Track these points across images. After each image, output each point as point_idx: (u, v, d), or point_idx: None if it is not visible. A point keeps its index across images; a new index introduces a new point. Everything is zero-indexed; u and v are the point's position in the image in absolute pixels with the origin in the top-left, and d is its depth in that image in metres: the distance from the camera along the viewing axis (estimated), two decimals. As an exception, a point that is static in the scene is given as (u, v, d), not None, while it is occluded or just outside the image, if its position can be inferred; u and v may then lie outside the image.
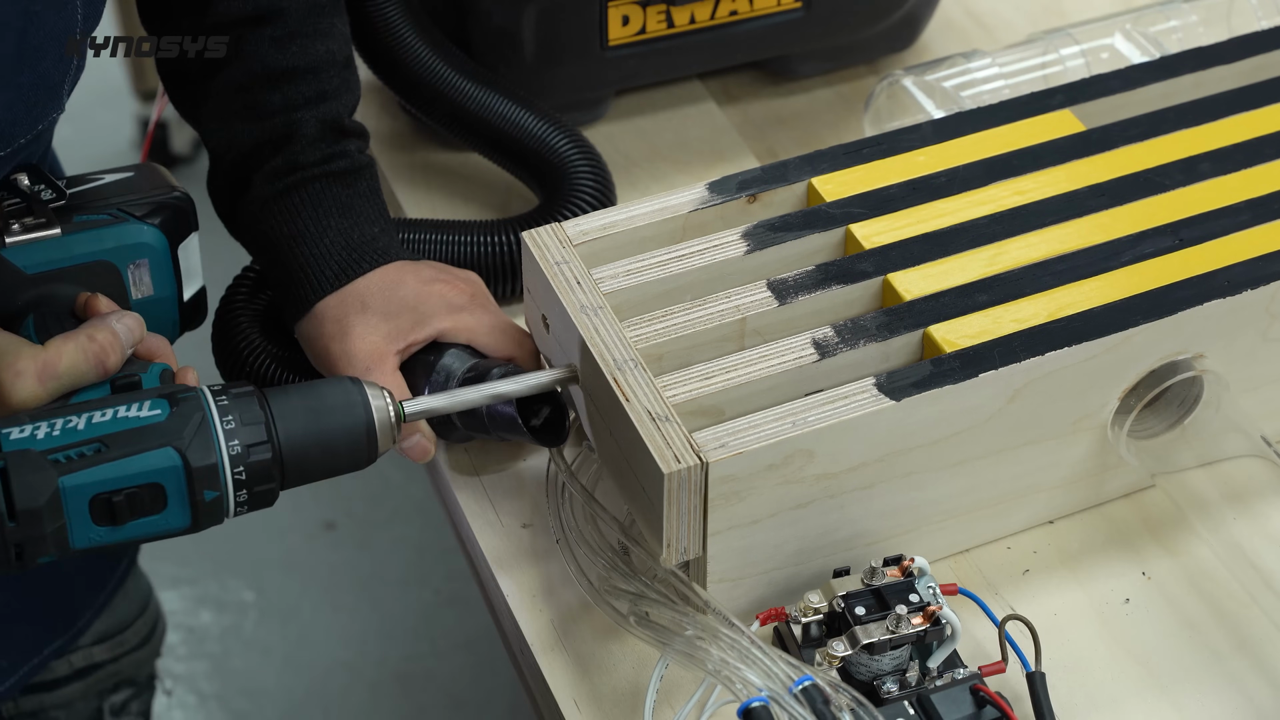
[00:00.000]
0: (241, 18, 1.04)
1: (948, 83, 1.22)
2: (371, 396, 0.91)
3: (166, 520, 0.87)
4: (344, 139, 1.05)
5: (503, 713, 1.97)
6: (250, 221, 1.05)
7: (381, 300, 1.01)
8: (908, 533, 0.97)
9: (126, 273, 1.00)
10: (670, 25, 1.25)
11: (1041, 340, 0.94)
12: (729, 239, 1.00)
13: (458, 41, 1.22)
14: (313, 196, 1.03)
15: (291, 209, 1.03)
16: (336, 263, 1.02)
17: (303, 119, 1.04)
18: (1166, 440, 0.99)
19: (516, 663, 1.02)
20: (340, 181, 1.04)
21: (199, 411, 0.87)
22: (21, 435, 0.84)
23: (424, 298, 1.01)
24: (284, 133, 1.04)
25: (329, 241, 1.02)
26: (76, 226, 0.98)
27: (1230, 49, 1.13)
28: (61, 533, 0.84)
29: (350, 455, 0.91)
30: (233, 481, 0.87)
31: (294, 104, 1.04)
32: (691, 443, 0.88)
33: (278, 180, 1.03)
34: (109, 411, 0.86)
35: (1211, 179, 1.04)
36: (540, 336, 1.02)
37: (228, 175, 1.06)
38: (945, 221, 1.01)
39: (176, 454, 0.85)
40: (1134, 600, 0.98)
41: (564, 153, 1.18)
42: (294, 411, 0.89)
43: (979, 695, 0.90)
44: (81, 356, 0.88)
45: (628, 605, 0.92)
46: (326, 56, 1.05)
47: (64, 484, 0.84)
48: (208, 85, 1.05)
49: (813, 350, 0.94)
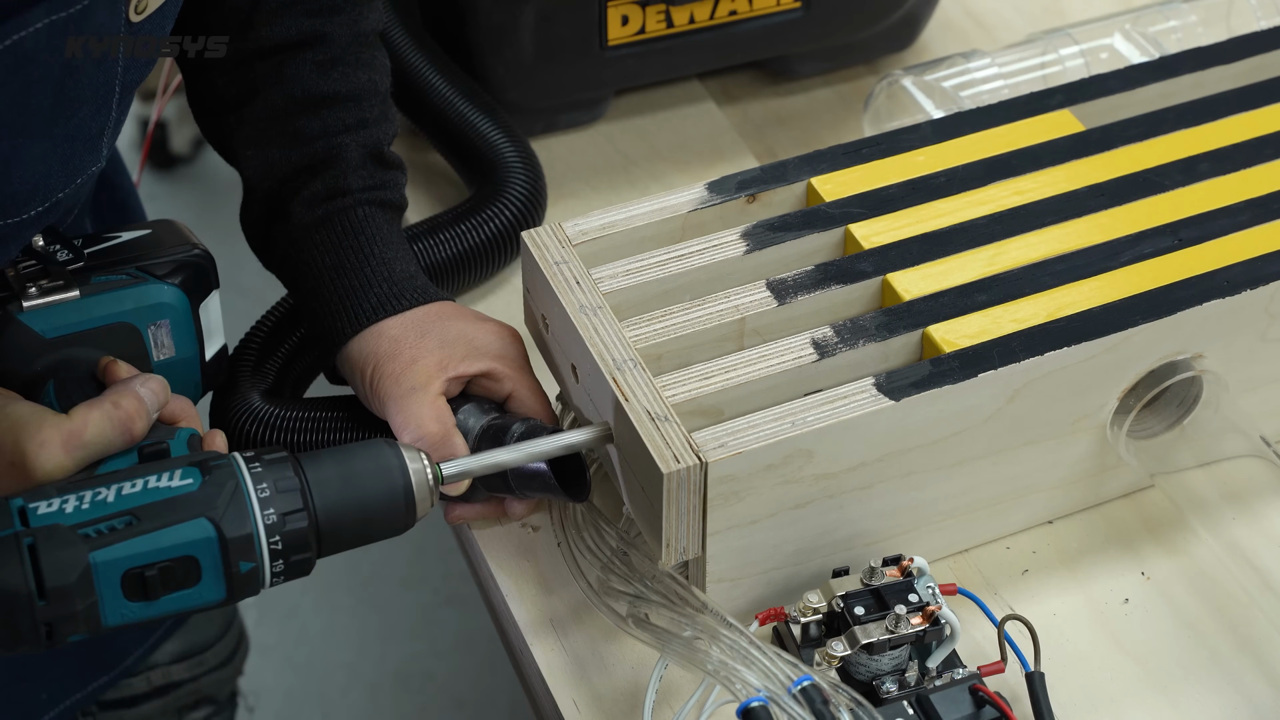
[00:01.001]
0: (284, 43, 1.02)
1: (947, 83, 1.22)
2: (409, 459, 0.88)
3: (201, 594, 0.84)
4: (387, 169, 1.04)
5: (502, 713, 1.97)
6: (289, 248, 1.03)
7: (439, 328, 0.99)
8: (907, 533, 0.97)
9: (147, 334, 0.97)
10: (670, 25, 1.25)
11: (1041, 340, 0.94)
12: (728, 239, 1.00)
13: (458, 41, 1.22)
14: (360, 222, 1.01)
15: (344, 232, 1.01)
16: (388, 291, 1.00)
17: (345, 144, 1.02)
18: (1166, 440, 0.99)
19: (516, 663, 1.02)
20: (386, 210, 1.03)
21: (232, 480, 0.84)
22: (50, 510, 0.81)
23: (477, 335, 1.00)
24: (325, 157, 1.02)
25: (384, 269, 1.00)
26: (95, 288, 0.95)
27: (1229, 49, 1.13)
28: (93, 610, 0.81)
29: (388, 521, 0.88)
30: (269, 551, 0.84)
31: (335, 129, 1.02)
32: (691, 443, 0.88)
33: (319, 205, 1.01)
34: (139, 482, 0.83)
35: (1211, 179, 1.04)
36: (540, 337, 1.02)
37: (264, 202, 1.03)
38: (945, 221, 1.01)
39: (210, 525, 0.83)
40: (1133, 600, 0.98)
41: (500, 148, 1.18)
42: (329, 477, 0.86)
43: (978, 695, 0.90)
44: (108, 424, 0.85)
45: (626, 607, 0.92)
46: (369, 85, 1.04)
47: (95, 559, 0.81)
48: (243, 112, 1.03)
49: (812, 350, 0.94)
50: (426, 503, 0.89)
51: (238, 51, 1.02)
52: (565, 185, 1.26)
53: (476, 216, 1.14)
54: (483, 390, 0.99)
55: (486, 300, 1.17)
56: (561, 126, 1.29)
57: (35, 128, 0.84)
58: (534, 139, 1.29)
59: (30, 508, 0.81)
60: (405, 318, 0.99)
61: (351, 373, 1.00)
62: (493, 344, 0.99)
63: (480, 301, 1.18)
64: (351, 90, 1.03)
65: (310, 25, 1.02)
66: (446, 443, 0.95)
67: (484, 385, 0.99)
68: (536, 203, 1.17)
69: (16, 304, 0.93)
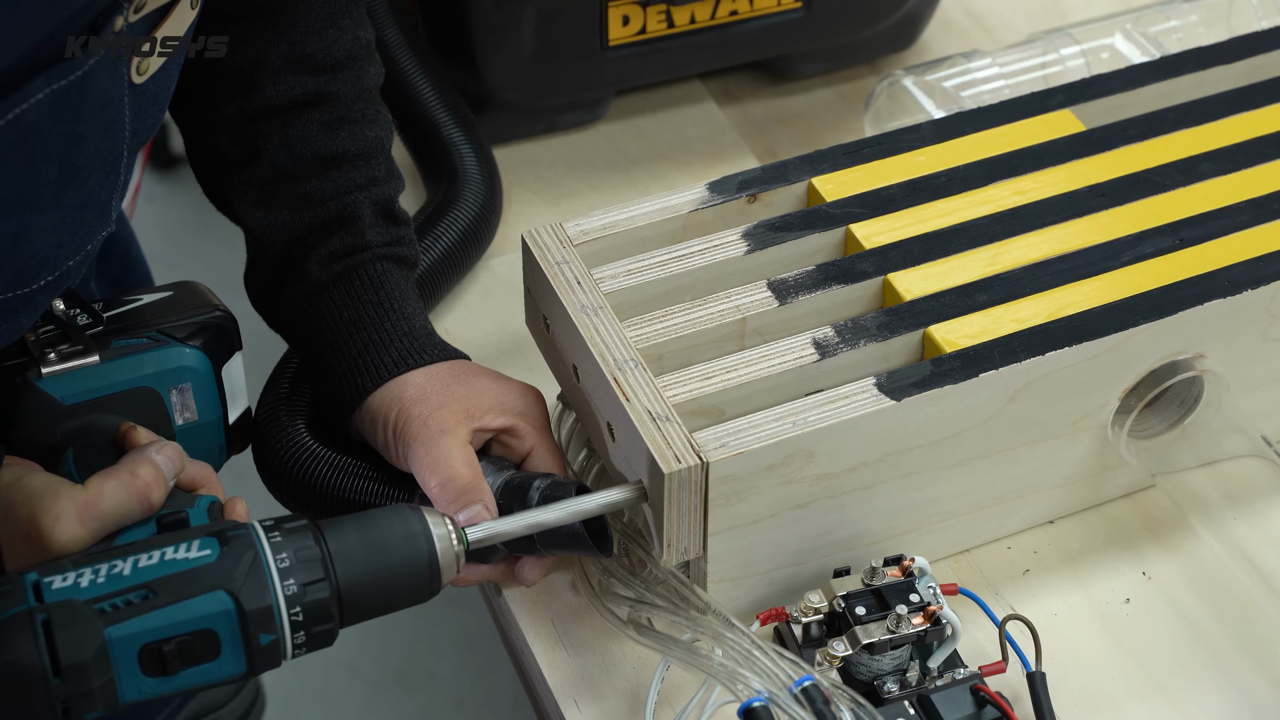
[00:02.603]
0: (289, 103, 1.00)
1: (948, 83, 1.22)
2: (433, 525, 0.86)
3: (220, 668, 0.81)
4: (399, 225, 1.02)
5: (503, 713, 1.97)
6: (303, 305, 1.00)
7: (464, 382, 0.97)
8: (908, 533, 0.97)
9: (169, 398, 0.95)
10: (670, 25, 1.25)
11: (1042, 340, 0.94)
12: (729, 239, 1.00)
13: (457, 41, 1.22)
14: (379, 277, 1.00)
15: (362, 287, 0.99)
16: (409, 345, 0.98)
17: (358, 201, 1.00)
18: (1166, 440, 0.99)
19: (517, 663, 1.02)
20: (402, 267, 1.02)
21: (250, 550, 0.82)
22: (64, 584, 0.79)
23: (501, 391, 0.98)
24: (339, 215, 1.00)
25: (404, 324, 0.99)
26: (115, 352, 0.93)
27: (1230, 49, 1.13)
28: (110, 686, 0.79)
29: (412, 589, 0.86)
30: (289, 623, 0.82)
31: (346, 189, 1.00)
32: (692, 443, 0.88)
33: (337, 262, 1.00)
34: (155, 554, 0.81)
35: (1211, 179, 1.04)
36: (541, 337, 1.02)
37: (275, 262, 1.01)
38: (945, 221, 1.01)
39: (229, 597, 0.80)
40: (1134, 600, 0.98)
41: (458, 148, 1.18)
42: (351, 545, 0.84)
43: (979, 695, 0.90)
44: (125, 494, 0.83)
45: (628, 610, 0.92)
46: (375, 143, 1.02)
47: (111, 635, 0.79)
48: (248, 172, 1.01)
49: (813, 350, 0.94)
50: (452, 570, 0.86)
51: (240, 111, 1.00)
52: (565, 185, 1.26)
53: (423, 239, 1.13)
54: (502, 448, 0.97)
55: (486, 300, 1.17)
56: (562, 126, 1.30)
57: (43, 200, 0.82)
58: (534, 139, 1.29)
59: (45, 582, 0.80)
60: (429, 371, 0.98)
61: (373, 423, 0.98)
62: (516, 401, 0.98)
63: (480, 301, 1.18)
64: (360, 149, 1.01)
65: (315, 84, 1.00)
66: (476, 489, 0.93)
67: (504, 442, 0.97)
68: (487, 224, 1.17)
69: (35, 370, 0.91)
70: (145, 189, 2.43)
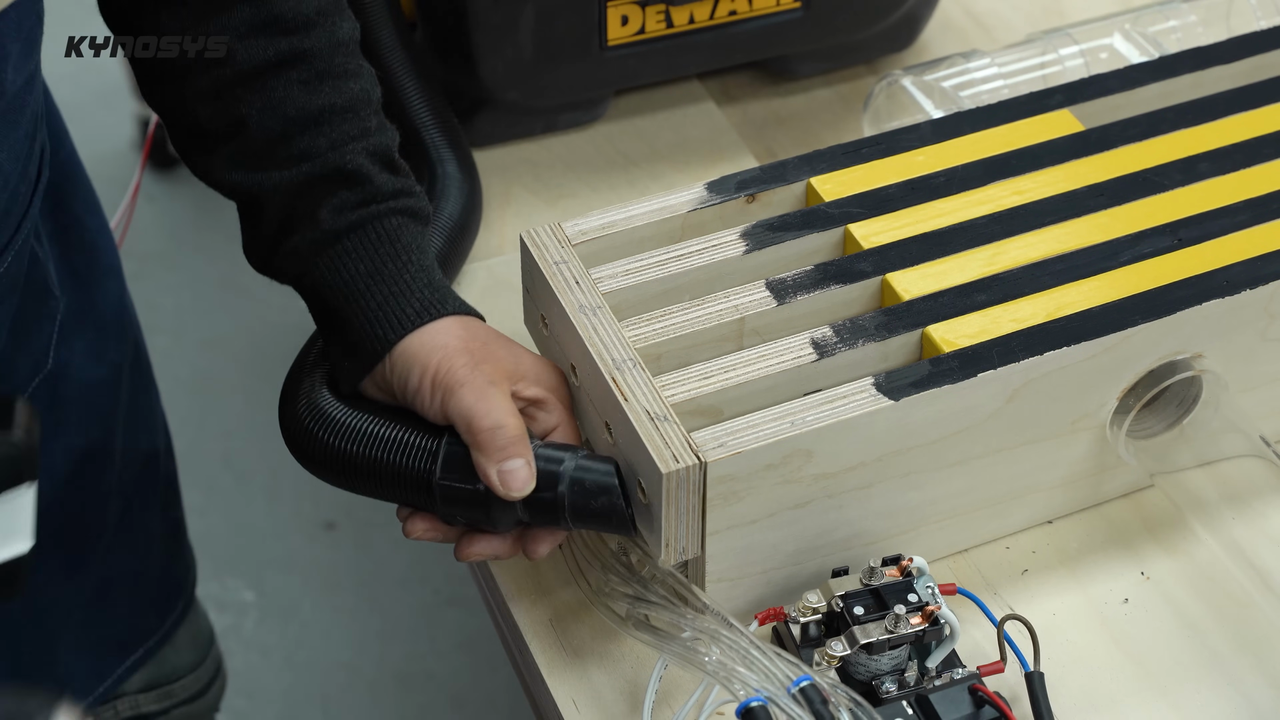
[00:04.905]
0: (263, 65, 0.97)
1: (947, 83, 1.22)
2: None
3: None
4: (402, 175, 1.00)
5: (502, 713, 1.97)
6: (316, 259, 0.98)
7: (497, 344, 0.96)
8: (906, 532, 0.97)
9: None
10: (669, 25, 1.25)
11: (1040, 340, 0.94)
12: (728, 239, 1.00)
13: (456, 41, 1.22)
14: (395, 230, 0.97)
15: (379, 239, 0.97)
16: (433, 296, 0.96)
17: (355, 152, 0.98)
18: (1165, 440, 0.99)
19: (516, 663, 1.02)
20: (417, 221, 1.00)
21: None
22: None
23: (534, 363, 0.96)
24: (339, 168, 0.98)
25: (424, 276, 0.97)
26: None
27: (1229, 49, 1.13)
28: None
29: None
30: None
31: (340, 141, 0.98)
32: (690, 442, 0.88)
33: (350, 212, 0.97)
34: None
35: (1210, 179, 1.04)
36: (539, 337, 1.02)
37: (279, 217, 0.98)
38: (944, 221, 1.01)
39: None
40: (1133, 600, 0.98)
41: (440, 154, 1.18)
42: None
43: (978, 695, 0.90)
44: None
45: (626, 608, 0.92)
46: (361, 95, 1.00)
47: None
48: (236, 143, 0.98)
49: (811, 350, 0.94)
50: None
51: (216, 81, 0.97)
52: (565, 185, 1.26)
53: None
54: (528, 419, 0.95)
55: (485, 300, 1.17)
56: (561, 126, 1.30)
57: None
58: (533, 139, 1.29)
59: None
60: (465, 323, 0.96)
61: (406, 369, 0.94)
62: (548, 376, 0.97)
63: (479, 301, 1.17)
64: (346, 102, 0.99)
65: (287, 44, 0.98)
66: (523, 443, 0.91)
67: (531, 414, 0.96)
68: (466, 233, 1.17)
69: None
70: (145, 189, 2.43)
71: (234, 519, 2.16)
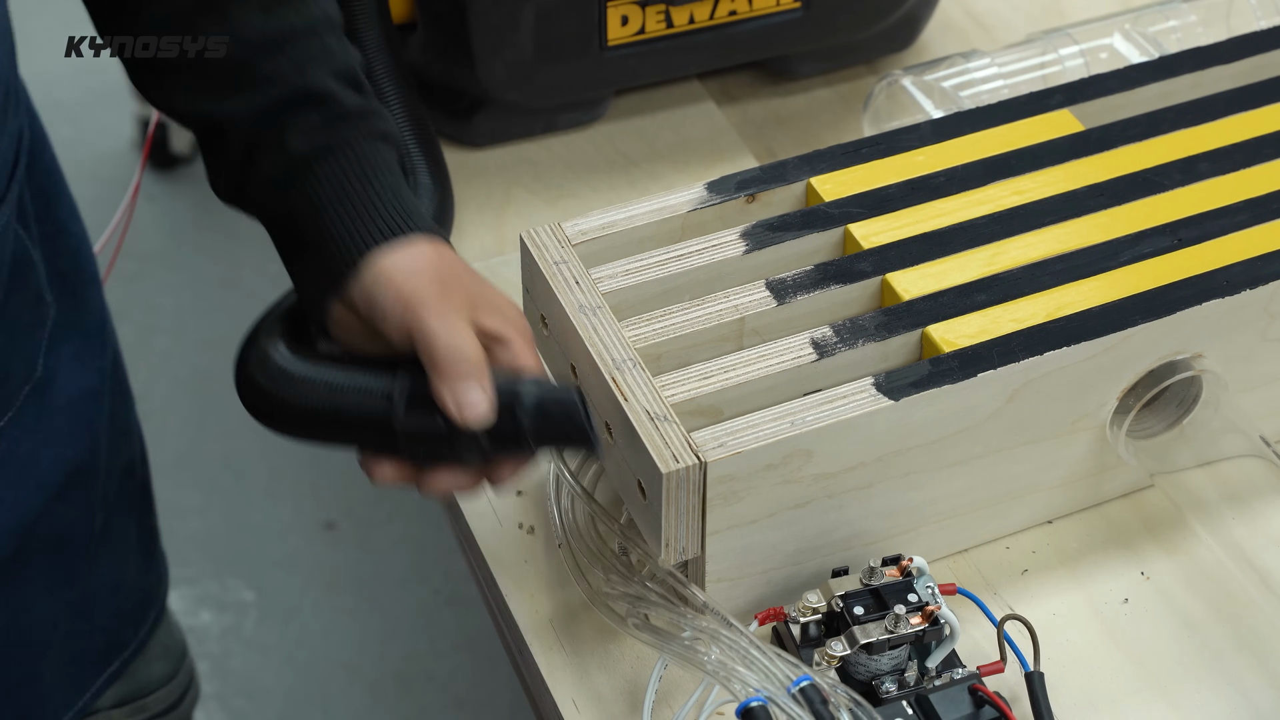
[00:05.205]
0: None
1: (947, 83, 1.22)
2: None
3: None
4: (367, 95, 0.97)
5: (502, 713, 1.97)
6: (287, 183, 0.95)
7: (466, 270, 0.93)
8: (906, 532, 0.97)
9: None
10: (669, 25, 1.25)
11: (1040, 340, 0.94)
12: (728, 239, 1.00)
13: (456, 41, 1.22)
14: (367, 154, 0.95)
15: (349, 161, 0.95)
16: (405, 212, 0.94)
17: (319, 74, 0.95)
18: (1165, 440, 0.99)
19: (516, 663, 1.02)
20: (388, 143, 0.97)
21: None
22: None
23: (501, 300, 0.94)
24: (304, 89, 0.95)
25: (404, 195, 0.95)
26: None
27: (1229, 49, 1.13)
28: None
29: None
30: None
31: (303, 62, 0.95)
32: (690, 442, 0.88)
33: (319, 134, 0.95)
34: None
35: (1210, 179, 1.04)
36: (539, 337, 1.02)
37: (243, 143, 0.96)
38: (944, 221, 1.01)
39: None
40: (1133, 600, 0.98)
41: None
42: None
43: (978, 695, 0.90)
44: None
45: (626, 607, 0.92)
46: (322, 17, 0.97)
47: None
48: (195, 68, 0.96)
49: (811, 350, 0.94)
50: None
51: (171, 9, 0.95)
52: (565, 185, 1.26)
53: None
54: (491, 358, 0.92)
55: (486, 300, 1.17)
56: (561, 126, 1.30)
57: None
58: (533, 139, 1.29)
59: None
60: (433, 247, 0.93)
61: (377, 285, 0.92)
62: (512, 311, 0.94)
63: (480, 301, 1.18)
64: (307, 23, 0.96)
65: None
66: (484, 371, 0.89)
67: (494, 353, 0.92)
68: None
69: None
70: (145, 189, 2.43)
71: (234, 519, 2.15)
